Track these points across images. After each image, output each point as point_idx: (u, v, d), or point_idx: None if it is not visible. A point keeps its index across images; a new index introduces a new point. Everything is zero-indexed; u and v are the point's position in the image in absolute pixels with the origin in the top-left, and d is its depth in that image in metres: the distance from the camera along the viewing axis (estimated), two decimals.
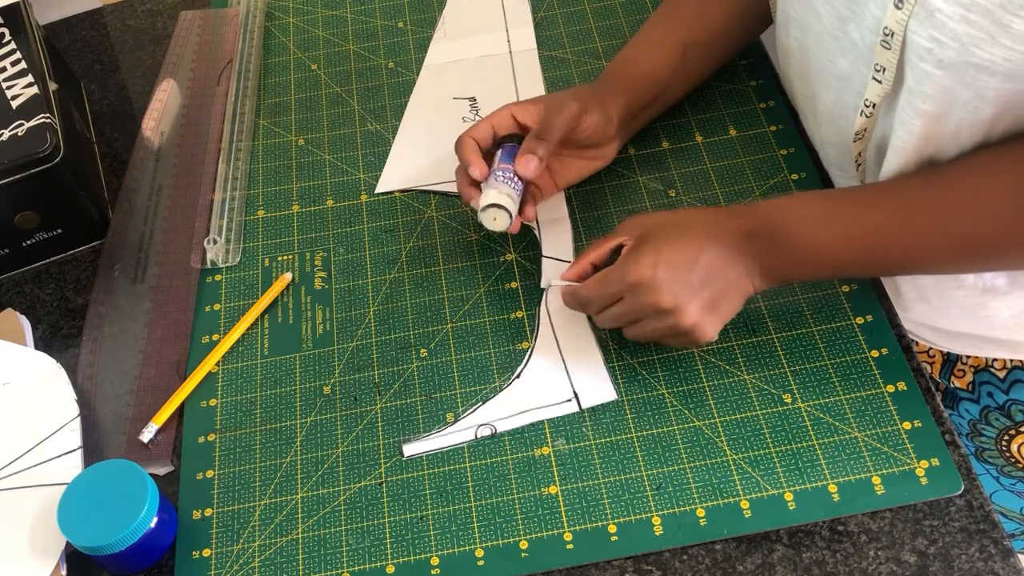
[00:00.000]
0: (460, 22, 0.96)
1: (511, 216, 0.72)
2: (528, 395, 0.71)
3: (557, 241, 0.78)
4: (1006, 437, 0.82)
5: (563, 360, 0.72)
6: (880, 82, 0.63)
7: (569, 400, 0.70)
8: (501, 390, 0.71)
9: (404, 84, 0.91)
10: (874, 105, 0.65)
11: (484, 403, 0.71)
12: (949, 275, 0.74)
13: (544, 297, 0.75)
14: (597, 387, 0.70)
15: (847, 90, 0.68)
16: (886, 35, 0.60)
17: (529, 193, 0.76)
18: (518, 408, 0.70)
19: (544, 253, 0.77)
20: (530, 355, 0.73)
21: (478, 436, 0.69)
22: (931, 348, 0.83)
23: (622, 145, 0.80)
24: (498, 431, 0.69)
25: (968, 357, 0.81)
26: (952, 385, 0.83)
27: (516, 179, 0.73)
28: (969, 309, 0.75)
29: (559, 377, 0.71)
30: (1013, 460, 0.83)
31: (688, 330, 0.65)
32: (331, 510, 0.67)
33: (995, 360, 0.79)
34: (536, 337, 0.73)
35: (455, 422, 0.70)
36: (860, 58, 0.64)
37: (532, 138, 0.73)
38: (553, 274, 0.76)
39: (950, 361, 0.82)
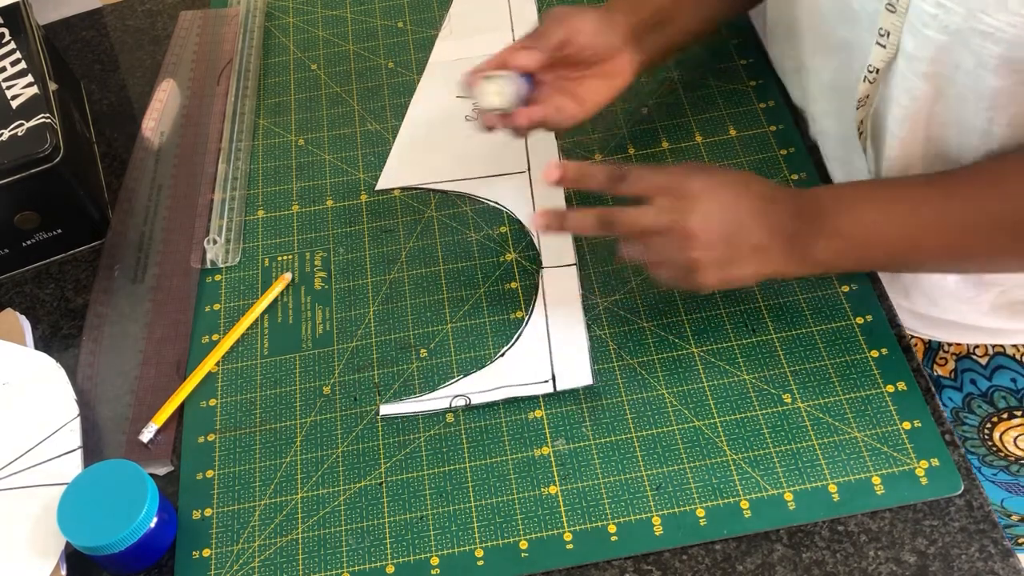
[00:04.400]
0: (466, 20, 0.96)
1: (516, 96, 0.71)
2: (508, 372, 0.71)
3: (557, 243, 0.78)
4: (988, 425, 0.81)
5: (549, 342, 0.72)
6: (884, 47, 0.63)
7: (546, 381, 0.70)
8: (484, 365, 0.72)
9: (404, 84, 0.91)
10: (877, 71, 0.65)
11: (465, 376, 0.72)
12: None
13: (541, 279, 0.75)
14: (575, 371, 0.71)
15: (850, 59, 0.67)
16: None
17: (554, 107, 0.73)
18: (496, 383, 0.71)
19: (542, 252, 0.77)
20: (519, 336, 0.73)
21: (452, 406, 0.70)
22: (912, 336, 0.82)
23: (640, 67, 0.77)
24: (472, 403, 0.70)
25: (950, 344, 0.81)
26: (934, 373, 0.83)
27: (523, 80, 0.72)
28: (958, 296, 0.76)
29: (541, 358, 0.72)
30: (995, 449, 0.82)
31: (691, 264, 0.65)
32: (331, 510, 0.67)
33: (977, 347, 0.79)
34: (528, 319, 0.74)
35: (433, 390, 0.71)
36: (861, 26, 0.64)
37: (522, 41, 0.73)
38: (554, 279, 0.76)
39: (932, 349, 0.82)
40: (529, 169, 0.83)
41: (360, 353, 0.74)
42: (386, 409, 0.71)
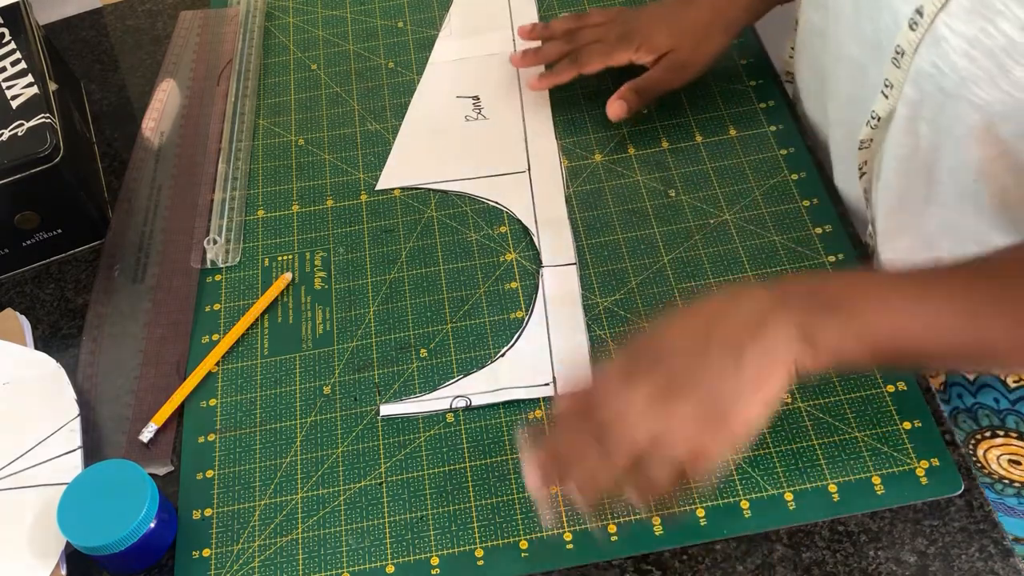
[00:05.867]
0: (467, 20, 0.96)
1: None
2: (509, 373, 0.71)
3: (557, 243, 0.78)
4: (972, 441, 0.81)
5: (549, 343, 0.72)
6: (887, 97, 0.63)
7: (547, 384, 0.70)
8: (484, 366, 0.72)
9: (404, 84, 0.91)
10: (879, 118, 0.65)
11: (465, 376, 0.71)
12: None
13: (541, 279, 0.76)
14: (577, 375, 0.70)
15: (862, 77, 0.67)
16: (897, 53, 0.59)
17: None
18: (497, 385, 0.71)
19: (542, 251, 0.77)
20: (519, 336, 0.73)
21: (453, 407, 0.70)
22: None
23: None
24: (473, 404, 0.70)
25: None
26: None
27: None
28: None
29: (542, 360, 0.72)
30: (979, 465, 0.82)
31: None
32: (331, 510, 0.67)
33: None
34: (529, 318, 0.74)
35: (434, 390, 0.71)
36: (871, 53, 0.64)
37: (632, 88, 0.81)
38: (554, 278, 0.76)
39: None
40: (529, 169, 0.83)
41: (360, 353, 0.74)
42: (386, 409, 0.71)
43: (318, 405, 0.72)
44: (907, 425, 0.67)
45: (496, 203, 0.81)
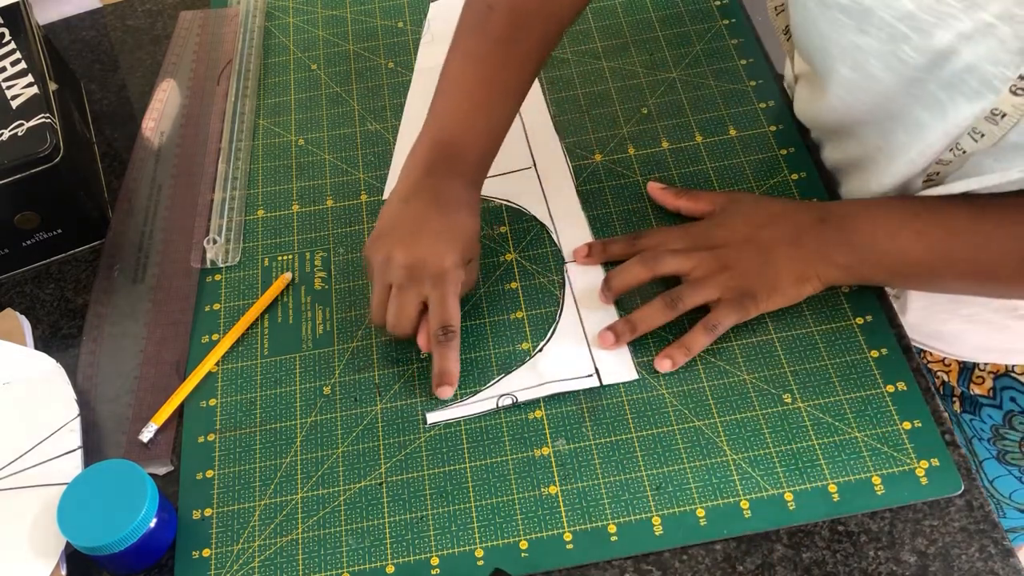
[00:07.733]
0: (447, 24, 0.95)
1: None
2: (550, 368, 0.71)
3: (577, 237, 0.78)
4: None
5: (586, 337, 0.72)
6: (980, 138, 0.60)
7: (590, 375, 0.70)
8: (524, 362, 0.72)
9: (404, 84, 0.91)
10: (964, 152, 0.62)
11: (506, 375, 0.71)
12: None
13: (567, 274, 0.76)
14: (618, 365, 0.71)
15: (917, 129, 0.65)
16: (994, 114, 0.58)
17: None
18: (539, 380, 0.71)
19: (563, 247, 0.78)
20: (553, 331, 0.73)
21: (499, 406, 0.70)
22: (946, 357, 0.82)
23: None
24: (519, 401, 0.70)
25: (986, 364, 0.80)
26: (972, 392, 0.82)
27: None
28: (986, 325, 0.76)
29: (581, 353, 0.72)
30: None
31: (746, 291, 0.69)
32: (331, 510, 0.67)
33: (1015, 366, 0.79)
34: (560, 312, 0.74)
35: (477, 392, 0.71)
36: (939, 112, 0.62)
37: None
38: (579, 273, 0.76)
39: (967, 368, 0.81)
40: (535, 164, 0.83)
41: (360, 353, 0.74)
42: (433, 416, 0.70)
43: (318, 405, 0.72)
44: (907, 425, 0.67)
45: (507, 201, 0.81)
